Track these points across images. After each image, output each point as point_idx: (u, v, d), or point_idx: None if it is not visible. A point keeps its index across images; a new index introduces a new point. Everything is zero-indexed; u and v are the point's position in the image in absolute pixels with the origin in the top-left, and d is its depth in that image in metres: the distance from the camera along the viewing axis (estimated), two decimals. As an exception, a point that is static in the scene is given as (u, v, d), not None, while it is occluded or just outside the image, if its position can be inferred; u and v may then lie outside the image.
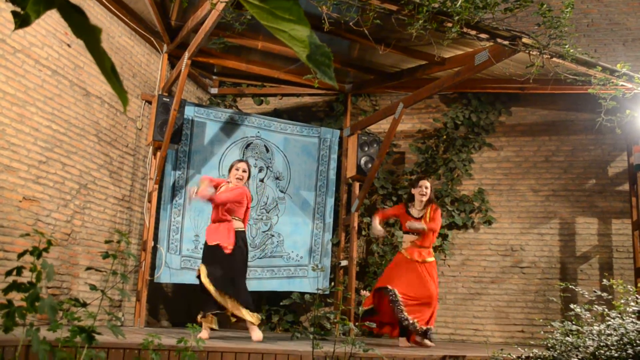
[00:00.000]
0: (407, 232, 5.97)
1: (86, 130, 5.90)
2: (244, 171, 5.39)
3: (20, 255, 1.90)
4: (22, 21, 0.77)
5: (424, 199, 5.94)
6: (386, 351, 4.65)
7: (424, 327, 5.65)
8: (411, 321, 5.59)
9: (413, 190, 6.03)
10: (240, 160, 5.54)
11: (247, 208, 5.43)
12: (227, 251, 5.16)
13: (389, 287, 5.70)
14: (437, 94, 7.96)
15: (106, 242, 2.28)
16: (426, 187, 5.94)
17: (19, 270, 1.84)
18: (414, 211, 5.99)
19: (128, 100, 0.75)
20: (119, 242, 2.18)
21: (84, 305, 2.00)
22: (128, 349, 3.55)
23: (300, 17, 0.72)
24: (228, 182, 5.45)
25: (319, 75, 0.73)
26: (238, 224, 5.32)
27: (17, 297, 1.87)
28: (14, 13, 0.77)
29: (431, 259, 5.90)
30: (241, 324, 5.44)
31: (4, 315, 1.79)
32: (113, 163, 6.33)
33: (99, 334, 1.94)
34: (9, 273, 1.85)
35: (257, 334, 5.12)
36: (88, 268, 2.15)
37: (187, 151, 7.28)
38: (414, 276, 5.76)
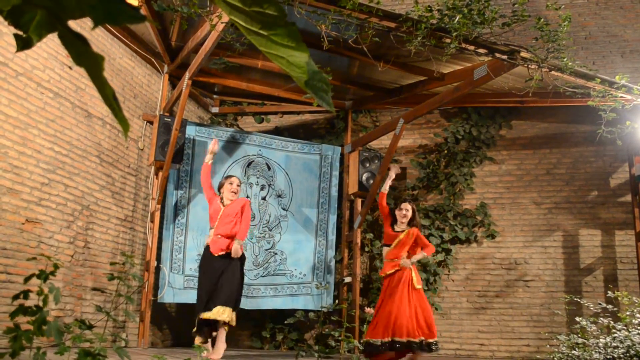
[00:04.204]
0: (387, 245, 5.96)
1: (88, 151, 5.92)
2: (238, 185, 5.55)
3: (27, 279, 1.90)
4: (24, 44, 0.78)
5: (405, 220, 5.96)
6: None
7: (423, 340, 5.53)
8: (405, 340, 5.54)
9: (396, 212, 6.06)
10: (231, 176, 5.71)
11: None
12: None
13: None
14: (437, 109, 7.99)
15: (111, 264, 2.28)
16: (407, 210, 5.99)
17: (26, 294, 1.84)
18: (397, 227, 6.01)
19: (129, 127, 0.76)
20: (124, 264, 2.19)
21: (90, 327, 2.00)
22: (132, 371, 3.53)
23: (298, 44, 0.73)
24: (220, 196, 5.54)
25: (316, 100, 0.74)
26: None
27: (22, 320, 1.87)
28: (16, 36, 0.78)
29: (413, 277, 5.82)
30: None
31: (12, 339, 1.79)
32: (115, 184, 6.35)
33: (105, 357, 1.94)
34: (16, 297, 1.85)
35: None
36: (94, 289, 2.15)
37: (189, 170, 7.29)
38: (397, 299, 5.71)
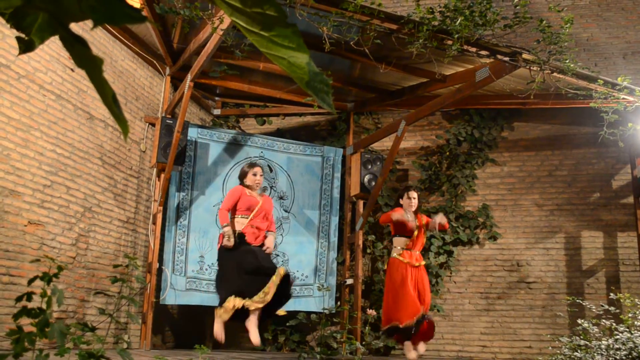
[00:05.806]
0: (400, 236, 6.09)
1: (90, 153, 5.92)
2: (261, 175, 5.61)
3: (31, 281, 1.91)
4: (26, 46, 0.78)
5: (413, 209, 6.12)
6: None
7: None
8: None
9: (402, 201, 6.19)
10: (255, 165, 5.68)
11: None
12: None
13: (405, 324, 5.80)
14: (438, 111, 7.98)
15: (115, 266, 2.29)
16: (414, 198, 6.13)
17: (29, 296, 1.85)
18: (409, 217, 6.12)
19: (129, 129, 0.76)
20: (127, 266, 2.19)
21: (93, 329, 2.00)
22: (134, 373, 3.53)
23: (299, 45, 0.74)
24: (246, 188, 5.55)
25: (317, 100, 0.75)
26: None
27: (25, 322, 1.87)
28: (18, 38, 0.79)
29: (423, 262, 6.14)
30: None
31: (14, 341, 1.79)
32: (117, 186, 6.35)
33: (107, 358, 1.94)
34: (19, 299, 1.85)
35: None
36: (97, 292, 2.15)
37: (191, 172, 7.30)
38: (415, 285, 5.95)
